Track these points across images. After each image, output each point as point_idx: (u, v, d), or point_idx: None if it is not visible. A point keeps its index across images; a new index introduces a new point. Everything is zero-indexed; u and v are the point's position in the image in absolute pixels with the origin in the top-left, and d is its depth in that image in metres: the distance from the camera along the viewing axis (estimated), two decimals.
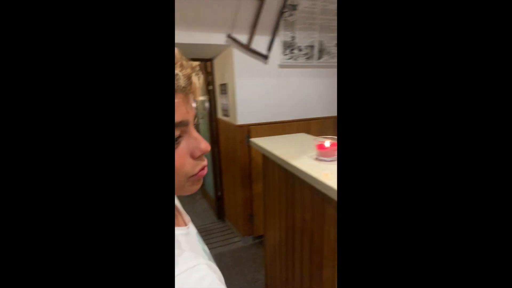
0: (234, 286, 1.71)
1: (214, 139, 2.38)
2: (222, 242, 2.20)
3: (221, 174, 2.42)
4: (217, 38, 1.70)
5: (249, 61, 1.80)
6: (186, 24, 1.59)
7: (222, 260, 1.96)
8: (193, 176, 0.33)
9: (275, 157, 1.03)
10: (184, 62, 0.31)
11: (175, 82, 0.28)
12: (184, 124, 0.31)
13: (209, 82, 2.27)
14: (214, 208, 2.65)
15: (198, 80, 0.31)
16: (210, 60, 2.19)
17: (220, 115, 2.21)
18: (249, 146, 1.92)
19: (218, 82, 2.15)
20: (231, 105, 1.94)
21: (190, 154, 0.32)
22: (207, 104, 2.37)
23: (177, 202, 0.50)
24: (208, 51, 1.93)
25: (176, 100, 0.29)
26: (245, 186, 2.00)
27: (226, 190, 2.38)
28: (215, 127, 2.31)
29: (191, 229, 0.44)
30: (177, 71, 0.28)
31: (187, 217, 0.46)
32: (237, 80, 1.80)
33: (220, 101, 2.17)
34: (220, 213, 2.54)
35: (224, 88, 2.01)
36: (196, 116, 0.33)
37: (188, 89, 0.31)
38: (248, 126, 1.89)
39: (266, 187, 1.29)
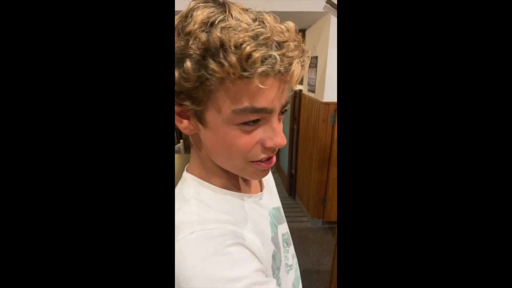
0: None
1: (295, 115, 2.31)
2: (290, 219, 2.22)
3: (297, 152, 2.38)
4: (314, 5, 1.55)
5: None
6: None
7: None
8: (253, 162, 0.31)
9: None
10: (292, 44, 0.26)
11: (271, 65, 0.24)
12: (267, 111, 0.28)
13: None
14: (286, 184, 2.68)
15: (300, 69, 0.27)
16: (302, 31, 2.06)
17: (305, 90, 2.11)
18: (332, 126, 1.78)
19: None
20: (319, 80, 1.81)
21: (262, 142, 0.30)
22: None
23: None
24: (302, 20, 1.80)
25: (262, 86, 0.25)
26: (322, 168, 1.90)
27: (300, 169, 2.33)
28: (298, 103, 2.24)
29: (266, 200, 0.40)
30: (276, 53, 0.24)
31: (264, 184, 0.43)
32: (331, 51, 1.64)
33: (307, 75, 2.05)
34: (291, 191, 2.55)
35: (314, 61, 1.88)
36: (285, 106, 0.30)
37: (284, 75, 0.26)
38: (336, 105, 1.74)
39: None
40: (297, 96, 2.24)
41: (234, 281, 0.25)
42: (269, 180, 0.46)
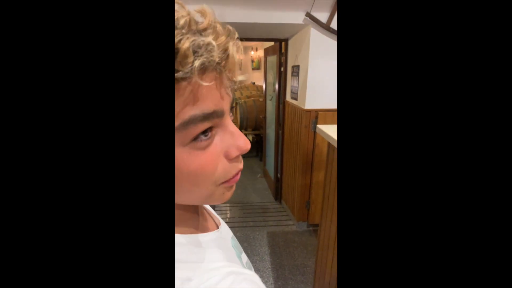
0: (282, 266, 1.77)
1: (279, 121, 2.38)
2: (276, 222, 2.26)
3: (282, 156, 2.44)
4: (295, 17, 1.63)
5: (326, 42, 1.69)
6: (263, 3, 1.57)
7: (274, 239, 2.03)
8: (225, 182, 0.26)
9: None
10: (219, 26, 0.22)
11: (208, 54, 0.20)
12: (218, 114, 0.23)
13: (281, 63, 2.24)
14: (272, 188, 2.72)
15: (236, 52, 0.22)
16: (285, 40, 2.14)
17: (288, 97, 2.18)
18: (314, 132, 1.86)
19: (290, 63, 2.10)
20: (301, 88, 1.88)
21: (225, 154, 0.25)
22: (276, 86, 2.37)
23: (207, 206, 0.43)
24: (284, 30, 1.88)
25: (207, 84, 0.21)
26: (305, 172, 1.97)
27: (285, 173, 2.39)
28: (282, 110, 2.31)
29: (224, 232, 0.37)
30: (209, 38, 0.20)
31: (217, 219, 0.40)
32: (311, 61, 1.72)
33: (290, 83, 2.13)
34: (277, 195, 2.60)
35: (296, 70, 1.96)
36: (232, 103, 0.25)
37: (223, 65, 0.22)
38: (316, 111, 1.81)
39: (328, 176, 1.24)
40: (281, 103, 2.31)
41: None
42: (214, 212, 0.42)
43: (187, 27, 0.19)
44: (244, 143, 0.25)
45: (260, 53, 4.88)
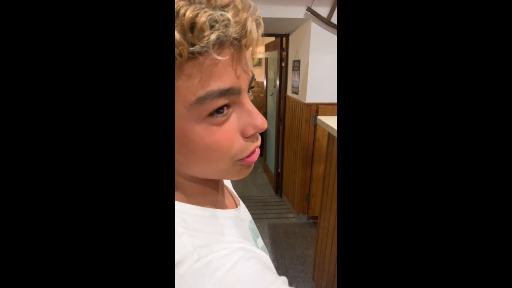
0: (283, 256, 1.81)
1: (280, 116, 2.41)
2: (277, 215, 2.30)
3: (282, 151, 2.47)
4: (296, 12, 1.65)
5: (327, 37, 1.71)
6: None
7: (274, 231, 2.07)
8: (242, 159, 0.26)
9: None
10: (240, 2, 0.22)
11: (224, 28, 0.20)
12: (234, 92, 0.23)
13: (282, 58, 2.27)
14: (273, 182, 2.76)
15: (256, 29, 0.22)
16: (286, 35, 2.17)
17: (289, 92, 2.21)
18: (314, 126, 1.89)
19: (291, 58, 2.13)
20: (302, 82, 1.91)
21: (241, 132, 0.25)
22: (277, 81, 2.39)
23: (228, 183, 0.44)
24: (285, 25, 1.90)
25: (223, 58, 0.21)
26: (305, 166, 2.00)
27: (286, 167, 2.43)
28: (283, 104, 2.33)
29: (243, 213, 0.37)
30: (228, 14, 0.20)
31: (237, 199, 0.40)
32: (312, 56, 1.75)
33: (291, 78, 2.15)
34: (278, 189, 2.64)
35: (297, 64, 1.98)
36: (252, 81, 0.25)
37: (242, 42, 0.22)
38: (317, 105, 1.84)
39: (328, 167, 1.27)
40: (282, 98, 2.34)
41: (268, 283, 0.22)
42: (235, 193, 0.43)
43: (206, 2, 0.20)
44: (260, 122, 0.25)
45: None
